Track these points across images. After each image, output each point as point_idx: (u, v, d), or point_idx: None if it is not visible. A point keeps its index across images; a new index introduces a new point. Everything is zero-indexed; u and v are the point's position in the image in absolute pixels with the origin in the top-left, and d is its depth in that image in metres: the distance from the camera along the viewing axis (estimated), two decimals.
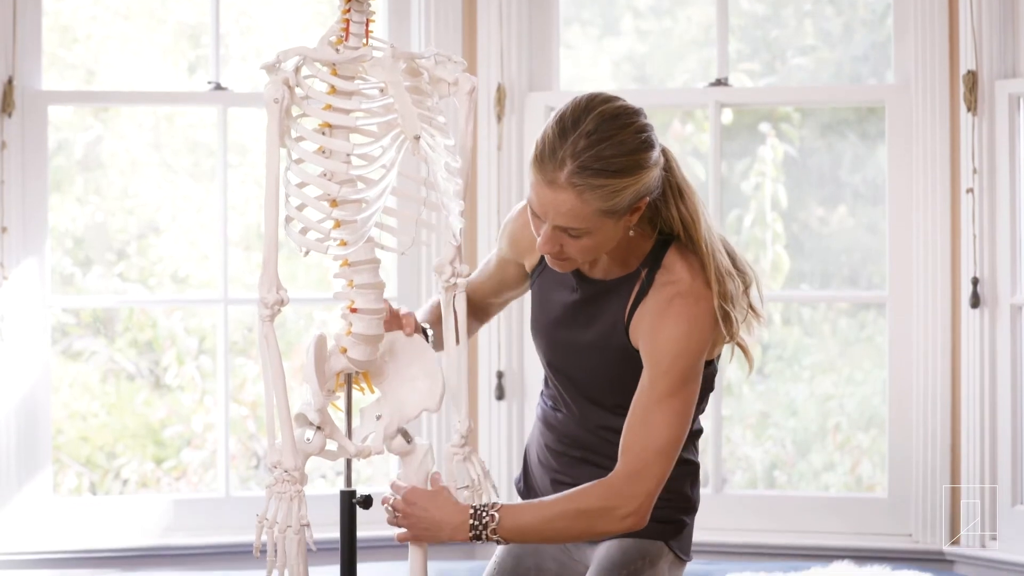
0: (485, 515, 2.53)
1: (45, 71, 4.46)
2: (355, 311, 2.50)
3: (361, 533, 2.62)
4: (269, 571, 2.42)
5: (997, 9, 4.29)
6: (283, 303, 2.41)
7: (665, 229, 2.59)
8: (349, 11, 2.45)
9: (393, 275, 4.56)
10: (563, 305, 2.66)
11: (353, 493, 2.57)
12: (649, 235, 2.59)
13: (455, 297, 2.64)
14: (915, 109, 4.39)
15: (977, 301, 4.30)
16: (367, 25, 2.46)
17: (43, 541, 4.36)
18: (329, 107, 2.43)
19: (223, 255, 4.55)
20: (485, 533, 2.53)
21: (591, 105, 2.47)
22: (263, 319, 2.41)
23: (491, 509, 2.53)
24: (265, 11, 6.12)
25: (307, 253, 2.43)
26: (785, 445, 6.01)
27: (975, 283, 4.30)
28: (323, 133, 2.44)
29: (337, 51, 2.44)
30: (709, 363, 2.62)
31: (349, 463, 2.59)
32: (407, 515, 2.56)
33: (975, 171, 4.30)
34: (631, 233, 2.55)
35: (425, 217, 2.57)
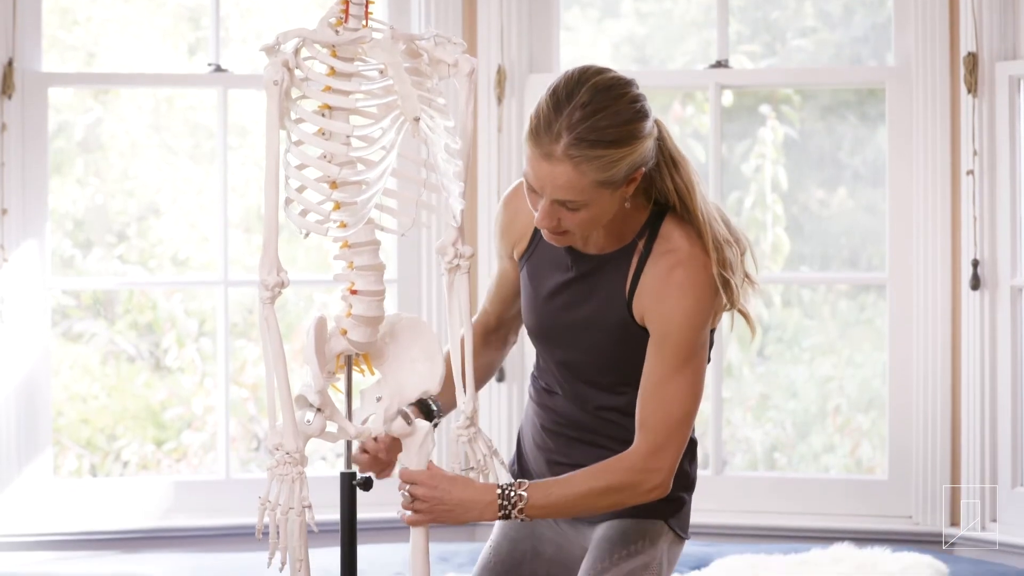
0: (513, 494, 2.53)
1: (45, 53, 4.46)
2: (355, 293, 2.49)
3: (361, 515, 2.62)
4: (272, 552, 2.42)
5: None
6: (283, 285, 2.41)
7: (660, 200, 2.59)
8: None
9: (393, 256, 4.56)
10: (557, 285, 2.65)
11: (353, 475, 2.56)
12: (644, 207, 2.59)
13: (456, 278, 2.64)
14: (915, 91, 4.39)
15: (977, 283, 4.30)
16: (367, 6, 2.45)
17: (43, 523, 4.37)
18: (329, 89, 2.42)
19: (223, 237, 4.55)
20: (513, 512, 2.54)
21: (584, 77, 2.46)
22: (263, 301, 2.40)
23: (518, 488, 2.54)
24: None
25: (307, 235, 2.43)
26: (785, 427, 6.01)
27: (975, 265, 4.30)
28: (323, 115, 2.43)
29: (337, 32, 2.43)
30: (711, 331, 2.62)
31: (349, 445, 2.59)
32: (428, 498, 2.54)
33: (975, 153, 4.30)
34: (627, 205, 2.54)
35: (425, 199, 2.56)
